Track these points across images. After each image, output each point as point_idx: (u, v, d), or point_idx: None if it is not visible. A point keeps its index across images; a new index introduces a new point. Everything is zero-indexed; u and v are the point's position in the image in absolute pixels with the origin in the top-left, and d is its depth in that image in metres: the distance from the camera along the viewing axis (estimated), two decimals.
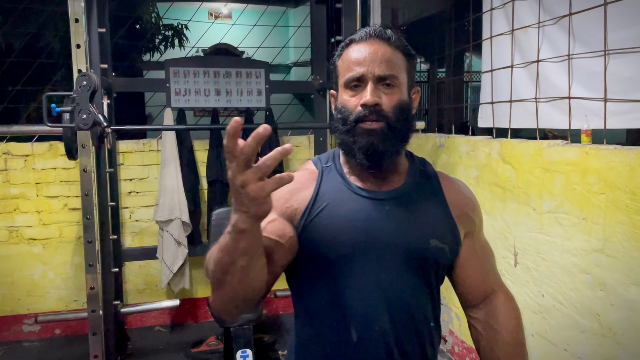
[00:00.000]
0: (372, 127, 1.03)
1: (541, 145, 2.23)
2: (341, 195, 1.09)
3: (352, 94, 1.06)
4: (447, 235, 1.12)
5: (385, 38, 1.07)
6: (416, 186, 1.14)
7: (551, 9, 2.30)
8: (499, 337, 1.17)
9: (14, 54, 3.75)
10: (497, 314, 1.18)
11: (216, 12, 8.39)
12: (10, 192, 3.41)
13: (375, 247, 1.05)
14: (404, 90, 1.07)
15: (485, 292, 1.20)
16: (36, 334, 3.54)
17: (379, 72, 1.04)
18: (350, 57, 1.07)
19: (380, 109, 1.03)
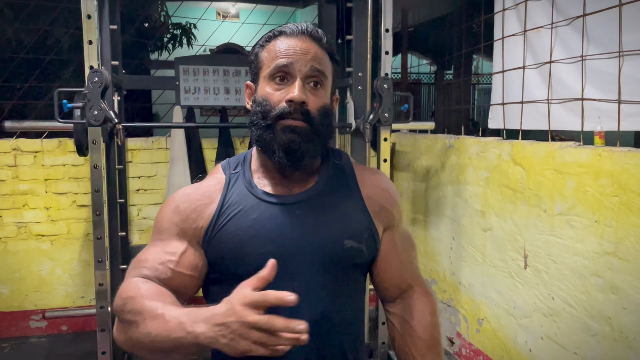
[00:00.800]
0: (295, 125, 0.98)
1: (553, 146, 2.22)
2: (247, 203, 1.03)
3: (276, 88, 1.00)
4: (364, 233, 1.07)
5: (317, 37, 1.03)
6: (329, 184, 1.08)
7: (565, 9, 2.29)
8: (413, 333, 1.13)
9: (25, 51, 3.77)
10: (412, 309, 1.15)
11: (224, 11, 8.40)
12: (19, 188, 3.43)
13: (285, 255, 0.98)
14: (328, 93, 1.04)
15: (402, 286, 1.17)
16: (43, 330, 3.55)
17: (310, 68, 0.99)
18: (279, 48, 1.01)
19: (306, 109, 0.99)
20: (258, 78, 1.05)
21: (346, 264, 1.05)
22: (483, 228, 2.74)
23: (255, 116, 1.03)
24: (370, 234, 1.08)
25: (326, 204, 1.06)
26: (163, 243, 1.03)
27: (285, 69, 0.99)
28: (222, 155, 3.54)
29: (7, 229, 3.43)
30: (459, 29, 4.14)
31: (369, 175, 1.15)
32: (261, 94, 1.02)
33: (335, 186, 1.09)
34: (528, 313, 2.38)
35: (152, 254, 1.02)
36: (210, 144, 3.67)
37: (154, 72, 5.76)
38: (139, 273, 0.99)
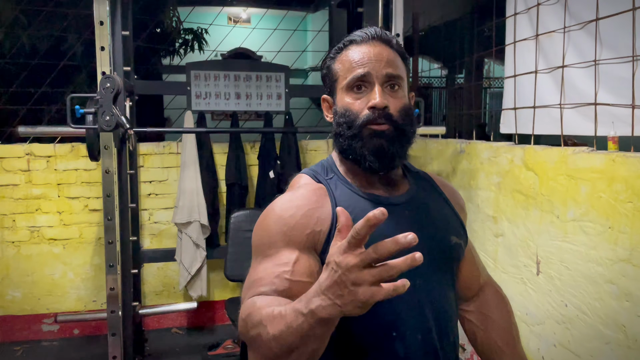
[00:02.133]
0: (381, 129, 1.00)
1: (566, 152, 2.20)
2: (360, 205, 1.02)
3: (356, 97, 1.02)
4: (460, 230, 1.13)
5: (387, 40, 1.05)
6: (419, 188, 1.13)
7: (577, 13, 2.26)
8: (494, 324, 1.18)
9: (38, 57, 3.81)
10: (489, 303, 1.20)
11: (236, 16, 8.44)
12: (32, 192, 3.46)
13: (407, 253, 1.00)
14: (406, 93, 1.06)
15: (479, 285, 1.22)
16: (55, 334, 3.57)
17: (386, 72, 1.01)
18: (352, 58, 1.03)
19: (389, 112, 1.00)
20: (335, 90, 1.07)
21: (453, 260, 1.11)
22: (495, 234, 2.72)
23: (340, 127, 1.04)
24: (463, 231, 1.15)
25: (425, 204, 1.10)
26: (272, 258, 0.98)
27: (363, 78, 1.01)
28: (233, 160, 3.55)
29: (20, 233, 3.47)
30: (470, 32, 4.12)
31: (442, 180, 1.22)
32: (342, 104, 1.04)
33: (424, 189, 1.14)
34: (541, 320, 2.35)
35: (263, 271, 0.96)
36: (221, 149, 3.69)
37: (165, 77, 5.80)
38: (256, 292, 0.94)
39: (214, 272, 3.70)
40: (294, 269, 0.95)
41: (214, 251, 3.54)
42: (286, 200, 1.04)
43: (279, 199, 1.05)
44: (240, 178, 3.56)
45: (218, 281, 3.75)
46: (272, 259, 0.97)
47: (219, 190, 3.65)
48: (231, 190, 3.57)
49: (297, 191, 1.06)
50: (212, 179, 3.56)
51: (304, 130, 3.61)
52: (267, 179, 3.60)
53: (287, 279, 0.94)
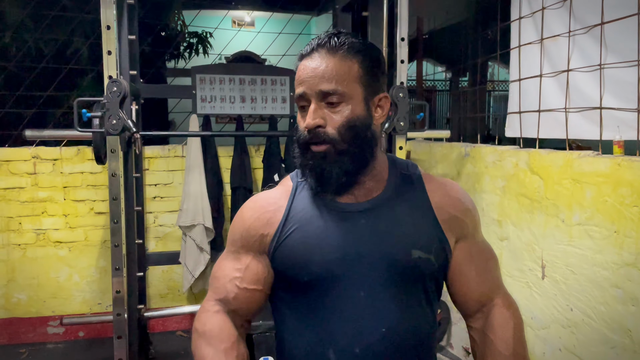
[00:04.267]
0: (317, 150, 0.99)
1: (571, 156, 2.20)
2: (313, 211, 1.03)
3: (302, 114, 1.02)
4: (433, 243, 1.04)
5: (331, 47, 0.99)
6: (397, 193, 1.06)
7: (582, 18, 2.27)
8: (493, 349, 1.06)
9: (45, 60, 3.83)
10: (493, 323, 1.08)
11: (240, 20, 8.47)
12: (38, 195, 3.48)
13: (351, 264, 0.99)
14: (355, 104, 0.99)
15: (482, 299, 1.10)
16: (60, 336, 3.58)
17: (319, 89, 0.97)
18: (298, 74, 1.01)
19: (323, 131, 0.98)
20: None
21: (414, 275, 1.02)
22: (500, 237, 2.72)
23: (294, 142, 1.05)
24: (439, 244, 1.05)
25: (393, 213, 1.04)
26: (232, 256, 1.10)
27: (301, 97, 1.00)
28: (237, 163, 3.56)
29: (26, 235, 3.48)
30: (474, 36, 4.12)
31: (439, 184, 1.12)
32: (297, 120, 1.05)
33: (402, 195, 1.06)
34: (546, 324, 2.35)
35: (223, 270, 1.10)
36: (226, 152, 3.70)
37: (170, 81, 5.82)
38: (211, 296, 1.09)
39: None
40: (243, 276, 1.06)
41: (219, 254, 3.54)
42: (254, 199, 1.12)
43: (252, 198, 1.13)
44: (245, 181, 3.57)
45: None
46: (231, 257, 1.09)
47: (224, 194, 3.66)
48: (236, 193, 3.58)
49: (268, 191, 1.11)
50: (217, 182, 3.57)
51: None
52: (272, 183, 3.60)
53: (237, 285, 1.06)
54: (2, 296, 3.49)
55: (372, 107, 1.03)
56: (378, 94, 1.03)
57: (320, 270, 0.98)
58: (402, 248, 1.01)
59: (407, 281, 1.02)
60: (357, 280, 0.99)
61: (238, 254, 1.08)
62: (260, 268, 1.05)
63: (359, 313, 0.99)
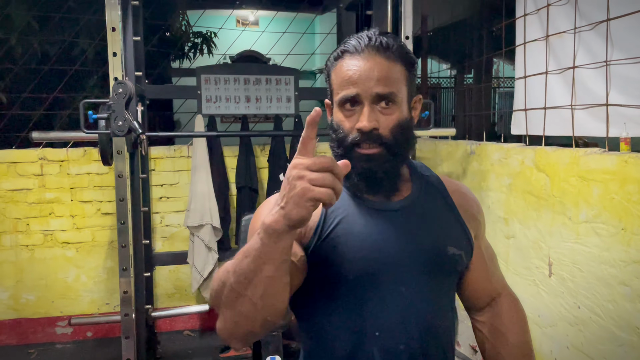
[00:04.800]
0: (369, 152, 0.98)
1: (577, 153, 2.19)
2: (352, 209, 1.04)
3: (347, 114, 1.00)
4: (462, 240, 1.08)
5: (383, 49, 0.98)
6: (424, 193, 1.09)
7: (588, 14, 2.26)
8: (504, 340, 1.14)
9: (51, 62, 3.85)
10: (502, 316, 1.16)
11: (244, 19, 8.47)
12: (45, 196, 3.50)
13: (391, 261, 1.00)
14: (403, 106, 1.01)
15: (491, 294, 1.18)
16: (69, 336, 3.61)
17: (376, 92, 0.96)
18: (344, 72, 0.99)
19: (378, 134, 0.98)
20: (332, 99, 1.04)
21: (448, 271, 1.07)
22: (506, 235, 2.71)
23: (333, 142, 1.03)
24: (467, 240, 1.09)
25: (425, 212, 1.06)
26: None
27: (353, 98, 0.98)
28: (243, 163, 3.57)
29: (34, 236, 3.51)
30: (479, 33, 4.11)
31: (456, 185, 1.16)
32: (336, 119, 1.03)
33: (429, 195, 1.10)
34: (553, 322, 2.34)
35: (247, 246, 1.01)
36: (232, 152, 3.71)
37: (176, 81, 5.84)
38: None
39: None
40: None
41: (226, 253, 3.56)
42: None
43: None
44: (251, 181, 3.58)
45: None
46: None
47: (230, 193, 3.67)
48: (242, 193, 3.58)
49: None
50: (223, 182, 3.58)
51: None
52: (278, 182, 3.61)
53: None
54: (11, 297, 3.52)
55: (411, 109, 1.05)
56: (414, 96, 1.06)
57: (363, 268, 0.99)
58: (439, 245, 1.04)
59: (442, 277, 1.06)
60: (398, 277, 1.01)
61: None
62: (296, 246, 1.00)
63: (400, 309, 1.01)
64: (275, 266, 0.81)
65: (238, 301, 0.84)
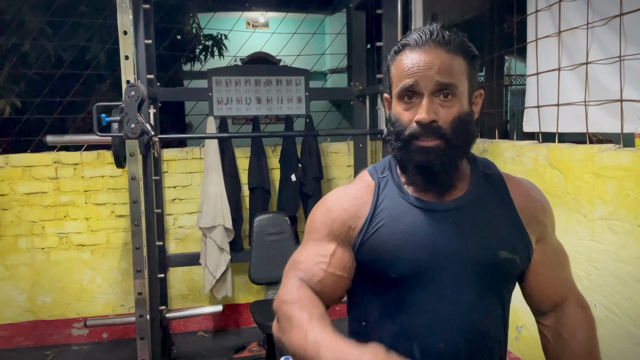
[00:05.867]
0: (428, 145, 0.97)
1: (592, 149, 2.17)
2: (400, 208, 1.03)
3: (406, 107, 0.99)
4: (518, 244, 1.04)
5: (443, 42, 0.98)
6: (481, 193, 1.06)
7: (600, 9, 2.23)
8: (567, 348, 1.09)
9: (64, 66, 3.89)
10: (568, 323, 1.11)
11: (254, 21, 8.50)
12: (60, 199, 3.54)
13: (438, 262, 0.99)
14: (463, 99, 0.99)
15: (557, 299, 1.12)
16: (85, 338, 3.64)
17: (436, 83, 0.96)
18: (404, 65, 0.98)
19: (437, 126, 0.96)
20: (391, 93, 1.04)
21: (499, 275, 1.04)
22: None
23: (390, 135, 1.03)
24: (524, 244, 1.06)
25: (479, 213, 1.04)
26: (315, 243, 1.07)
27: (412, 88, 0.97)
28: (255, 164, 3.58)
29: (49, 239, 3.55)
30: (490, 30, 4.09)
31: (520, 185, 1.12)
32: (394, 112, 1.02)
33: (486, 195, 1.07)
34: None
35: (305, 255, 1.06)
36: (243, 153, 3.72)
37: (187, 84, 5.87)
38: (295, 275, 1.03)
39: (238, 275, 3.73)
40: (330, 261, 1.03)
41: (238, 255, 3.57)
42: (337, 194, 1.11)
43: (333, 191, 1.12)
44: (263, 182, 3.59)
45: (242, 284, 3.78)
46: (314, 244, 1.06)
47: (242, 194, 3.68)
48: (254, 194, 3.60)
49: (350, 187, 1.11)
50: (235, 183, 3.60)
51: (324, 133, 3.62)
52: (289, 182, 3.61)
53: (323, 269, 1.02)
54: (28, 299, 3.56)
55: (472, 103, 1.04)
56: (476, 91, 1.04)
57: (408, 267, 0.99)
58: (490, 248, 1.02)
59: (492, 281, 1.03)
60: (444, 278, 1.00)
61: (321, 241, 1.06)
62: (346, 256, 1.04)
63: (444, 310, 1.00)
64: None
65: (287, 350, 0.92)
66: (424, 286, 1.00)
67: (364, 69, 3.76)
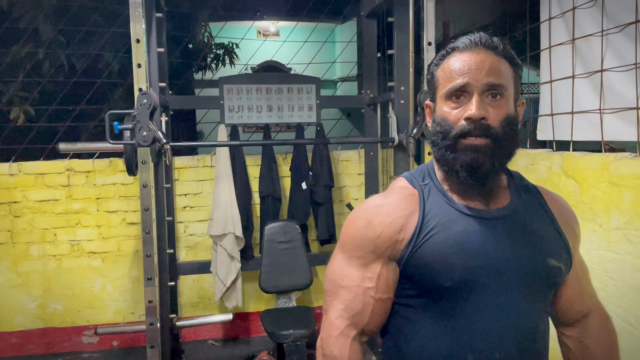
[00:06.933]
0: (477, 143, 0.96)
1: (607, 158, 2.14)
2: (448, 216, 1.01)
3: (454, 106, 0.99)
4: (562, 253, 1.05)
5: (492, 46, 1.00)
6: (523, 202, 1.06)
7: (615, 16, 2.21)
8: (592, 357, 1.11)
9: (77, 75, 3.93)
10: (592, 334, 1.12)
11: (265, 30, 8.55)
12: (72, 207, 3.55)
13: (490, 270, 0.98)
14: (510, 102, 1.00)
15: (582, 311, 1.14)
16: (95, 345, 3.64)
17: (487, 81, 0.96)
18: (453, 66, 0.99)
19: (487, 124, 0.96)
20: (436, 97, 1.04)
21: (548, 283, 1.04)
22: None
23: (436, 136, 1.02)
24: (567, 253, 1.06)
25: (525, 221, 1.04)
26: (359, 263, 1.04)
27: (462, 88, 0.98)
28: (266, 172, 3.58)
29: (61, 246, 3.56)
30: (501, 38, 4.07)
31: (553, 197, 1.14)
32: (440, 113, 1.02)
33: (529, 205, 1.07)
34: None
35: (350, 279, 1.04)
36: (254, 161, 3.72)
37: (198, 92, 5.91)
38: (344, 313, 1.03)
39: (249, 283, 3.72)
40: (377, 285, 1.02)
41: (249, 263, 3.56)
42: (378, 204, 1.06)
43: (372, 200, 1.08)
44: (274, 190, 3.58)
45: (253, 292, 3.77)
46: (358, 266, 1.04)
47: (253, 202, 3.68)
48: (264, 202, 3.59)
49: (390, 196, 1.07)
50: (246, 191, 3.59)
51: (335, 141, 3.62)
52: (300, 190, 3.61)
53: (372, 296, 1.02)
54: (39, 307, 3.57)
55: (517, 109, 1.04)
56: (519, 98, 1.05)
57: (462, 275, 0.97)
58: (539, 256, 1.02)
59: (541, 288, 1.03)
60: (497, 287, 0.99)
61: (366, 260, 1.03)
62: (391, 275, 1.03)
63: (498, 319, 0.99)
64: None
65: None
66: (476, 294, 0.98)
67: (375, 77, 3.76)
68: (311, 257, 3.43)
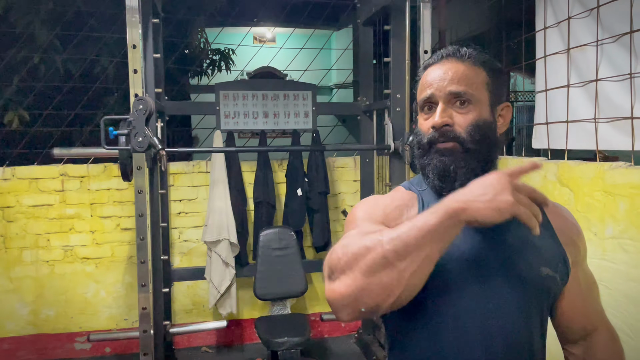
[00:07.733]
0: (442, 147, 1.00)
1: (602, 167, 2.14)
2: None
3: (425, 117, 1.04)
4: (558, 263, 1.03)
5: (460, 56, 1.03)
6: None
7: (610, 26, 2.23)
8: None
9: (73, 80, 3.91)
10: (597, 353, 1.10)
11: (261, 36, 8.56)
12: (66, 212, 3.53)
13: (482, 276, 0.98)
14: (482, 107, 1.01)
15: (586, 327, 1.11)
16: (87, 352, 3.61)
17: (449, 90, 0.99)
18: (425, 79, 1.04)
19: (451, 130, 0.99)
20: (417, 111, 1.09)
21: (541, 291, 1.03)
22: None
23: (414, 146, 1.06)
24: (563, 264, 1.05)
25: (520, 229, 1.01)
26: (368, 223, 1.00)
27: (429, 99, 1.02)
28: (261, 178, 3.57)
29: (54, 252, 3.53)
30: (497, 47, 4.09)
31: (555, 207, 1.12)
32: (417, 125, 1.07)
33: None
34: None
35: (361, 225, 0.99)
36: (249, 167, 3.71)
37: (194, 98, 5.90)
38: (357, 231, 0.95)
39: (243, 290, 3.70)
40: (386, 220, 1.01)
41: (243, 269, 3.55)
42: (382, 195, 1.12)
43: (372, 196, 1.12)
44: (269, 196, 3.57)
45: (247, 299, 3.75)
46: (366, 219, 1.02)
47: (248, 209, 3.67)
48: (259, 208, 3.58)
49: (393, 193, 1.11)
50: (241, 197, 3.59)
51: (331, 147, 3.62)
52: (295, 197, 3.60)
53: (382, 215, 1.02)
54: (32, 312, 3.54)
55: (496, 115, 1.05)
56: (501, 103, 1.06)
57: (454, 277, 0.97)
58: (532, 264, 1.01)
59: (533, 297, 1.02)
60: (486, 292, 0.98)
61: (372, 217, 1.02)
62: None
63: (486, 325, 0.98)
64: (438, 248, 0.84)
65: (385, 270, 0.83)
66: (465, 299, 0.98)
67: (371, 84, 3.77)
68: (306, 264, 3.42)
